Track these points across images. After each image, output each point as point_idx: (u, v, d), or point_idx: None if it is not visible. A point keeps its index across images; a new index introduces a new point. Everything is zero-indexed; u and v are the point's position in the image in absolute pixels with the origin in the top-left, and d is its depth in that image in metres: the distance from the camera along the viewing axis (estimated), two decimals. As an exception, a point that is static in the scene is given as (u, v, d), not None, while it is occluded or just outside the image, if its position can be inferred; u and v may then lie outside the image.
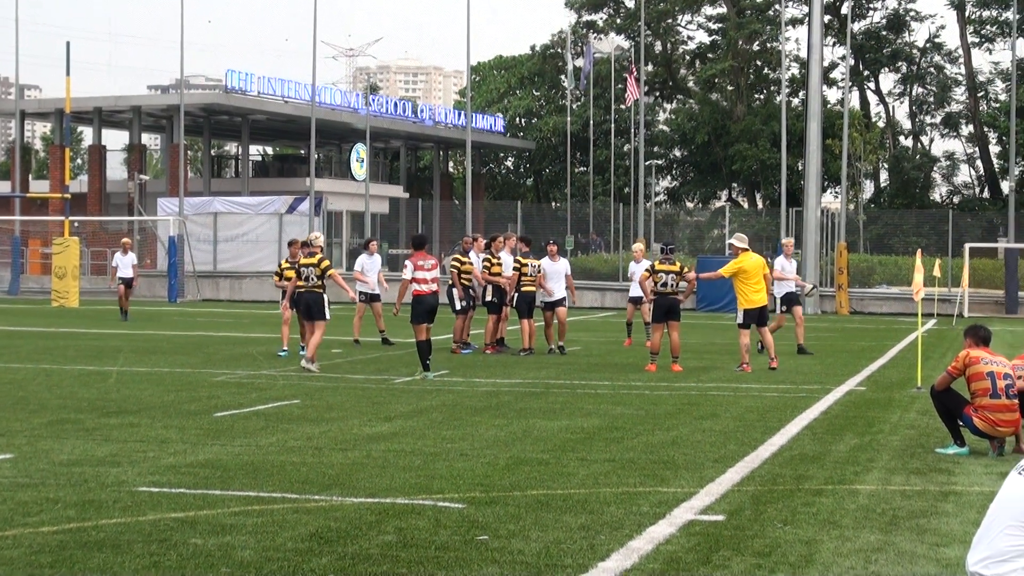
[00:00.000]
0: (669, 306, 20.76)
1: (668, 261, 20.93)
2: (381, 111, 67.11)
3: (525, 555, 7.81)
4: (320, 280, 20.06)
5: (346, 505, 9.28)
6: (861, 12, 72.53)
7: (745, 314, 20.81)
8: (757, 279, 20.83)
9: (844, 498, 9.78)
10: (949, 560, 7.81)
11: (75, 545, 7.97)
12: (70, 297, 43.61)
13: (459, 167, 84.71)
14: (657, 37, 76.11)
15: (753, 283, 20.78)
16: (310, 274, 20.09)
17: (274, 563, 7.57)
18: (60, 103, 55.85)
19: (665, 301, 20.75)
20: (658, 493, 9.87)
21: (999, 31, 68.44)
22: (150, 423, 13.63)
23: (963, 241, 47.74)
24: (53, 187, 58.50)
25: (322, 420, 14.00)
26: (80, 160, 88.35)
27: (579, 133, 73.16)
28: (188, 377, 18.74)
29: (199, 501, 9.36)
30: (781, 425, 13.88)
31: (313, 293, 20.13)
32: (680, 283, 20.75)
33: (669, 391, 17.38)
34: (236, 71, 60.57)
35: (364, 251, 26.53)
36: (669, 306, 20.76)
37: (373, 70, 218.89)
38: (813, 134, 44.57)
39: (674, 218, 74.14)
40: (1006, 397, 11.91)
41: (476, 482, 10.24)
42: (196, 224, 53.45)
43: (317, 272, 20.03)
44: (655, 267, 20.98)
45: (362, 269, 25.76)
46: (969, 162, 74.25)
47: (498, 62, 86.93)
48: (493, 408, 15.23)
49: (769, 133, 67.92)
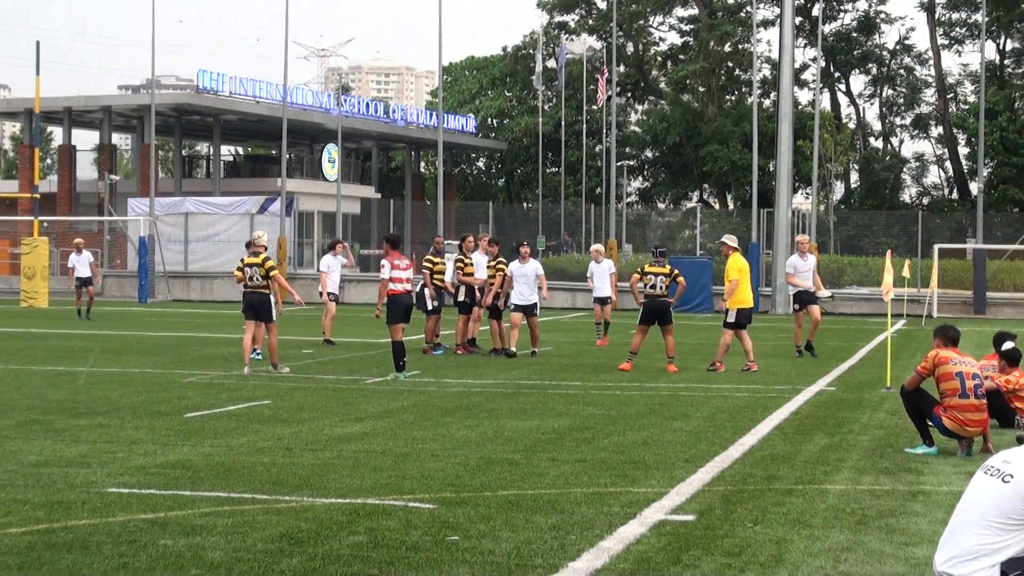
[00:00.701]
0: (658, 308, 20.60)
1: (659, 264, 20.85)
2: (353, 111, 67.04)
3: (496, 555, 7.82)
4: (265, 280, 19.61)
5: (317, 506, 9.27)
6: (832, 14, 72.88)
7: (738, 314, 20.71)
8: (747, 278, 20.93)
9: (814, 498, 9.82)
10: (918, 559, 7.85)
11: (44, 546, 7.93)
12: (39, 297, 43.37)
13: (431, 168, 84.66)
14: (629, 38, 76.27)
15: (745, 282, 20.84)
16: (254, 274, 19.61)
17: (244, 564, 7.56)
18: (29, 103, 55.56)
19: (654, 304, 20.61)
20: (629, 493, 9.88)
21: (968, 33, 68.89)
22: (120, 424, 13.58)
23: (932, 242, 47.94)
24: (22, 187, 58.14)
25: (293, 421, 13.97)
26: (50, 160, 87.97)
27: (551, 134, 73.22)
28: (158, 378, 18.68)
29: (169, 502, 9.34)
30: (751, 425, 13.91)
31: (259, 294, 19.70)
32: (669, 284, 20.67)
33: (640, 391, 17.40)
34: (207, 71, 60.39)
35: (330, 252, 26.66)
36: (658, 308, 20.60)
37: (345, 71, 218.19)
38: (784, 135, 44.71)
39: (645, 219, 74.35)
40: (975, 397, 11.97)
41: (447, 482, 10.23)
42: (167, 224, 53.23)
43: (261, 272, 19.58)
44: (645, 269, 20.87)
45: (328, 269, 25.88)
46: (938, 163, 74.68)
47: (470, 63, 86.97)
48: (464, 409, 15.23)
49: (740, 134, 68.12)
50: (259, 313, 19.71)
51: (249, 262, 19.73)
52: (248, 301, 19.80)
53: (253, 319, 19.80)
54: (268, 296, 19.69)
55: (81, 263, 34.90)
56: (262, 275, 19.56)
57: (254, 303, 19.73)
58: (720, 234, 61.19)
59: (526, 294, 23.11)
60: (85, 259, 35.02)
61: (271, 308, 19.71)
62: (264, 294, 19.67)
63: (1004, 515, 6.10)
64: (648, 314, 20.67)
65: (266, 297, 19.66)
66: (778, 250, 44.00)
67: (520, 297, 23.06)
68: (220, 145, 68.29)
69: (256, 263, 19.62)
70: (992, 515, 6.12)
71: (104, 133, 63.99)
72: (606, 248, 41.45)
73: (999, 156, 64.00)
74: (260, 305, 19.70)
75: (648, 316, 20.67)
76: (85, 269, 34.84)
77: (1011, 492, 6.10)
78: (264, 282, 19.62)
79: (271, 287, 19.77)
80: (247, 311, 19.87)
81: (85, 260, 34.99)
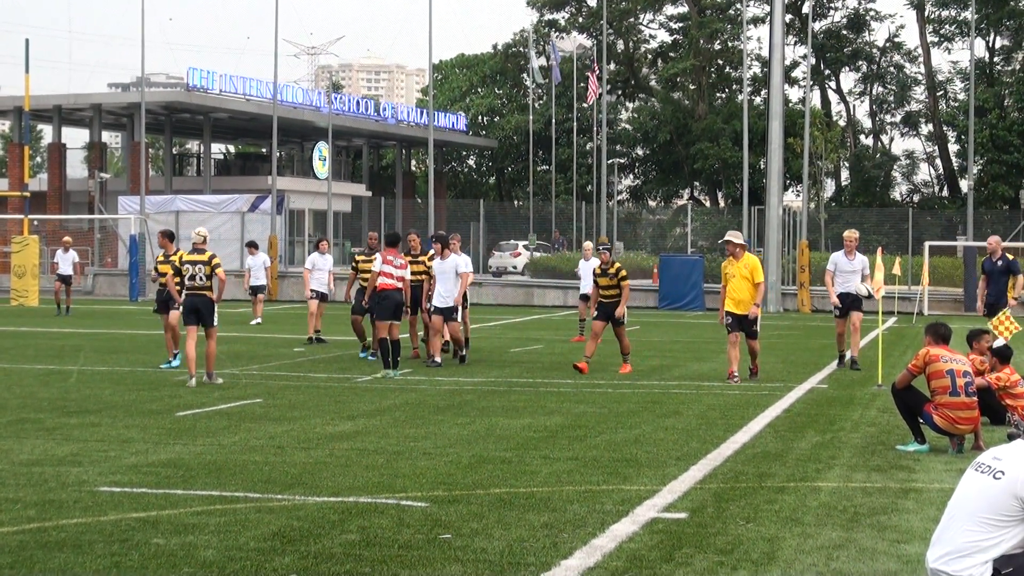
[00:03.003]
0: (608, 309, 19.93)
1: None
2: (343, 109, 66.99)
3: (488, 553, 7.82)
4: (210, 280, 17.81)
5: (309, 504, 9.26)
6: (822, 11, 72.94)
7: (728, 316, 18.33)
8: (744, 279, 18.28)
9: (806, 495, 9.83)
10: (909, 556, 7.87)
11: (35, 545, 7.92)
12: (30, 296, 43.27)
13: (421, 165, 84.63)
14: (619, 36, 76.26)
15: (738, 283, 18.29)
16: (198, 273, 17.79)
17: (237, 563, 7.55)
18: (19, 101, 55.43)
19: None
20: (621, 491, 9.89)
21: (958, 31, 68.96)
22: (111, 422, 13.56)
23: (923, 239, 48.04)
24: (12, 185, 58.07)
25: (285, 419, 13.97)
26: (40, 158, 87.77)
27: (541, 132, 73.23)
28: (150, 376, 18.65)
29: (161, 501, 9.33)
30: (743, 423, 13.93)
31: (203, 296, 17.82)
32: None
33: (632, 389, 17.41)
34: (198, 69, 60.34)
35: (316, 250, 26.74)
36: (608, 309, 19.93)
37: (335, 68, 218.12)
38: (775, 133, 44.73)
39: (636, 216, 74.35)
40: (965, 395, 11.99)
41: (439, 481, 10.23)
42: (157, 223, 52.94)
43: (207, 271, 17.77)
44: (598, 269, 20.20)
45: (312, 267, 25.91)
46: (929, 161, 74.78)
47: (460, 61, 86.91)
48: (456, 407, 15.23)
49: (731, 132, 68.16)
50: (202, 317, 17.85)
51: (191, 259, 17.95)
52: (190, 304, 17.89)
53: (195, 324, 17.87)
54: (211, 298, 17.88)
55: (65, 261, 35.72)
56: (207, 274, 17.81)
57: (197, 306, 17.83)
58: (712, 231, 61.44)
59: (444, 294, 20.59)
60: (69, 258, 35.92)
61: (214, 311, 17.92)
62: (208, 296, 17.85)
63: (995, 512, 6.11)
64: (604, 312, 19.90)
65: (209, 300, 17.85)
66: (769, 248, 44.02)
67: (440, 298, 20.60)
68: (210, 143, 68.24)
69: (201, 260, 17.85)
70: (983, 512, 6.13)
71: (94, 131, 63.89)
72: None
73: (989, 153, 64.10)
74: (204, 308, 17.84)
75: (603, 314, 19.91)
76: (68, 267, 35.64)
77: (1002, 488, 6.11)
78: (208, 282, 17.82)
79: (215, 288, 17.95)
80: (188, 315, 17.89)
81: (69, 259, 35.88)
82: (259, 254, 32.80)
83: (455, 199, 77.47)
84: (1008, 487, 6.10)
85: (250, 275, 32.43)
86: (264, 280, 32.65)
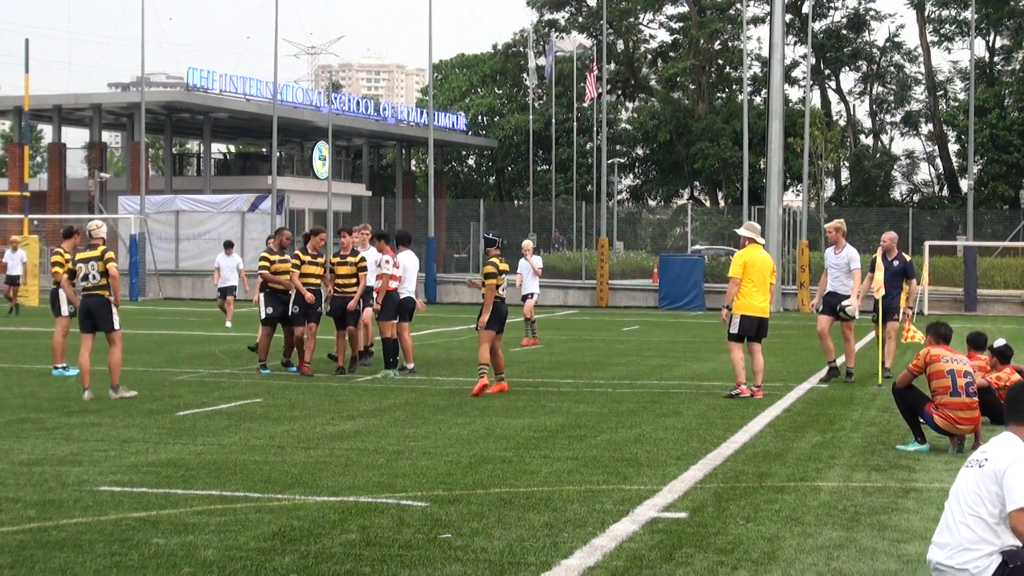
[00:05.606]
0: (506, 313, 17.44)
1: (502, 260, 17.42)
2: (343, 109, 66.96)
3: (488, 553, 7.82)
4: (105, 279, 15.90)
5: (309, 504, 9.26)
6: (822, 11, 72.94)
7: (741, 321, 16.29)
8: (762, 279, 16.40)
9: (806, 495, 9.83)
10: (910, 556, 7.86)
11: (36, 545, 7.92)
12: (30, 296, 43.23)
13: (421, 165, 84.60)
14: (619, 36, 76.25)
15: (757, 283, 16.38)
16: (91, 271, 15.91)
17: (237, 562, 7.55)
18: (19, 101, 55.42)
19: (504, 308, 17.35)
20: (621, 491, 9.89)
21: (958, 30, 68.96)
22: (111, 422, 13.56)
23: (923, 239, 48.05)
24: (12, 185, 58.03)
25: (285, 419, 13.96)
26: (40, 158, 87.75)
27: (541, 131, 73.22)
28: (150, 376, 18.65)
29: (161, 500, 9.32)
30: (743, 422, 13.93)
31: (98, 297, 15.95)
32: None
33: (632, 389, 17.41)
34: (197, 69, 60.29)
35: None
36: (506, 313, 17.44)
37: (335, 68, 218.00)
38: (775, 132, 44.73)
39: (636, 216, 74.32)
40: (966, 395, 11.99)
41: (439, 480, 10.23)
42: (158, 222, 53.16)
43: (100, 268, 15.87)
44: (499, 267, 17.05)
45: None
46: (929, 160, 74.80)
47: (460, 60, 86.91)
48: (456, 406, 15.23)
49: (731, 131, 68.15)
50: (98, 322, 16.00)
51: (84, 256, 16.03)
52: (85, 307, 16.01)
53: (91, 331, 16.10)
54: (108, 299, 15.96)
55: (14, 260, 35.51)
56: (101, 271, 15.89)
57: (91, 309, 15.94)
58: (712, 231, 61.44)
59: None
60: (18, 257, 35.69)
61: (112, 314, 15.98)
62: (104, 297, 15.93)
63: (986, 502, 6.14)
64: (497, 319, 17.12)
65: (106, 301, 15.92)
66: (769, 248, 43.95)
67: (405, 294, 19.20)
68: (210, 143, 68.21)
69: (94, 257, 15.92)
70: (976, 504, 6.18)
71: (94, 131, 63.86)
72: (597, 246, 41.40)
73: (989, 153, 64.11)
74: (99, 310, 15.93)
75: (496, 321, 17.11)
76: (18, 267, 35.52)
77: (985, 474, 6.17)
78: (104, 281, 15.89)
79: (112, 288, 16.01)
80: (84, 321, 16.04)
81: (18, 259, 35.66)
82: (233, 255, 31.61)
83: (455, 199, 77.46)
84: (988, 472, 6.16)
85: (219, 275, 31.15)
86: (235, 281, 31.22)
